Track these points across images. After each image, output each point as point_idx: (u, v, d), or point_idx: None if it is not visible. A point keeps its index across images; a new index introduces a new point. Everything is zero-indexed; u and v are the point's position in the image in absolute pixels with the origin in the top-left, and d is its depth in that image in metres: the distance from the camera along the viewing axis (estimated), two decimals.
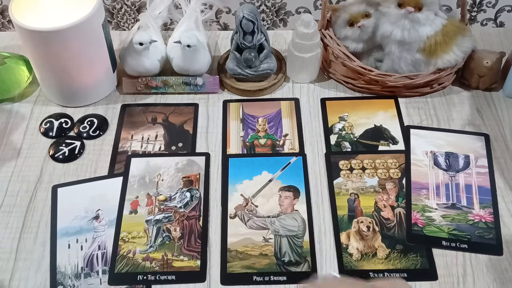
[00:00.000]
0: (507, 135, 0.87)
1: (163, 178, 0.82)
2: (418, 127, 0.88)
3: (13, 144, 0.87)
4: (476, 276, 0.71)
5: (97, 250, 0.74)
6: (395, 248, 0.73)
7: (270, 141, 0.87)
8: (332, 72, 0.96)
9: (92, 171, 0.83)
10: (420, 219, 0.76)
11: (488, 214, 0.77)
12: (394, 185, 0.80)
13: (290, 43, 0.92)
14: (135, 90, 0.93)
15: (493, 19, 1.15)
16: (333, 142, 0.87)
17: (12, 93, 0.92)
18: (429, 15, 0.86)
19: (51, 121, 0.90)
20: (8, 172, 0.83)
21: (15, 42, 1.02)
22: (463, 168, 0.83)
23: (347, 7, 0.91)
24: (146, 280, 0.71)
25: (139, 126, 0.90)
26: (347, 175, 0.82)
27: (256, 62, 0.91)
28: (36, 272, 0.72)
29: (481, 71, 0.90)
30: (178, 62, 0.91)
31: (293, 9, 1.12)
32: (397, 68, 0.90)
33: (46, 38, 0.81)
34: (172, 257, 0.73)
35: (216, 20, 1.14)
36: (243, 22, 0.86)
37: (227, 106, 0.92)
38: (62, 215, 0.77)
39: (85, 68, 0.87)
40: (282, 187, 0.80)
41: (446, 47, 0.88)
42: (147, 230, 0.76)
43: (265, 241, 0.74)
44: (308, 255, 0.73)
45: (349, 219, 0.77)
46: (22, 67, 0.93)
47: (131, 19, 1.14)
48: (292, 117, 0.90)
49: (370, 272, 0.71)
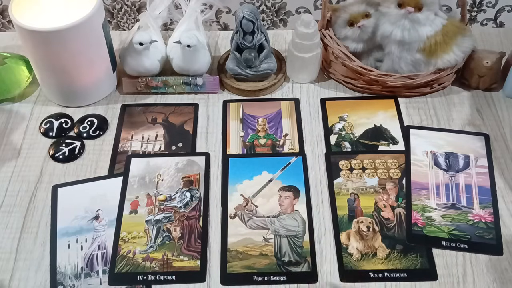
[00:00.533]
0: (507, 135, 0.87)
1: (163, 178, 0.82)
2: (418, 127, 0.88)
3: (13, 144, 0.87)
4: (476, 276, 0.71)
5: (97, 250, 0.74)
6: (395, 248, 0.73)
7: (270, 141, 0.87)
8: (332, 72, 0.96)
9: (92, 171, 0.83)
10: (420, 219, 0.76)
11: (488, 214, 0.77)
12: (394, 185, 0.80)
13: (290, 43, 0.92)
14: (135, 90, 0.93)
15: (493, 19, 1.15)
16: (333, 142, 0.87)
17: (12, 93, 0.92)
18: (429, 15, 0.86)
19: (51, 121, 0.90)
20: (8, 172, 0.83)
21: (15, 42, 1.02)
22: (463, 168, 0.82)
23: (347, 7, 0.91)
24: (146, 280, 0.71)
25: (139, 126, 0.89)
26: (347, 175, 0.82)
27: (256, 62, 0.91)
28: (36, 272, 0.72)
29: (481, 71, 0.90)
30: (178, 62, 0.91)
31: (293, 9, 1.12)
32: (397, 68, 0.90)
33: (46, 38, 0.81)
34: (172, 257, 0.73)
35: (216, 20, 1.14)
36: (243, 22, 0.86)
37: (227, 106, 0.92)
38: (62, 215, 0.77)
39: (85, 68, 0.87)
40: (282, 187, 0.80)
41: (446, 47, 0.88)
42: (147, 230, 0.76)
43: (265, 241, 0.74)
44: (308, 255, 0.73)
45: (349, 219, 0.77)
46: (22, 67, 0.93)
47: (131, 19, 1.14)
48: (292, 117, 0.90)
49: (370, 272, 0.71)
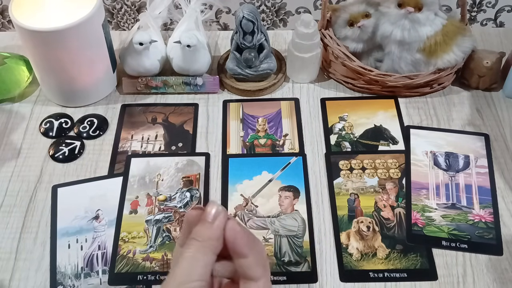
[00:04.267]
0: (507, 135, 0.87)
1: (163, 178, 0.82)
2: (418, 127, 0.88)
3: (13, 144, 0.87)
4: (476, 276, 0.71)
5: (97, 250, 0.74)
6: (395, 248, 0.73)
7: (270, 141, 0.87)
8: (332, 72, 0.96)
9: (92, 171, 0.83)
10: (420, 219, 0.76)
11: (488, 214, 0.77)
12: (394, 185, 0.80)
13: (290, 43, 0.92)
14: (135, 90, 0.93)
15: (493, 19, 1.15)
16: (333, 142, 0.87)
17: (12, 93, 0.92)
18: (429, 15, 0.86)
19: (51, 121, 0.90)
20: (8, 172, 0.83)
21: (15, 42, 1.02)
22: (463, 168, 0.82)
23: (347, 7, 0.91)
24: (146, 280, 0.71)
25: (139, 126, 0.89)
26: (347, 175, 0.82)
27: (256, 62, 0.91)
28: (36, 272, 0.72)
29: (481, 71, 0.90)
30: (178, 62, 0.91)
31: (293, 9, 1.12)
32: (397, 68, 0.90)
33: (46, 38, 0.81)
34: (172, 257, 0.73)
35: (216, 20, 1.14)
36: (243, 22, 0.86)
37: (227, 106, 0.92)
38: (62, 215, 0.77)
39: (85, 68, 0.87)
40: (282, 187, 0.80)
41: (446, 47, 0.87)
42: (147, 230, 0.76)
43: (265, 241, 0.74)
44: (308, 255, 0.73)
45: (349, 219, 0.77)
46: (22, 67, 0.93)
47: (131, 19, 1.14)
48: (292, 117, 0.90)
49: (370, 272, 0.71)
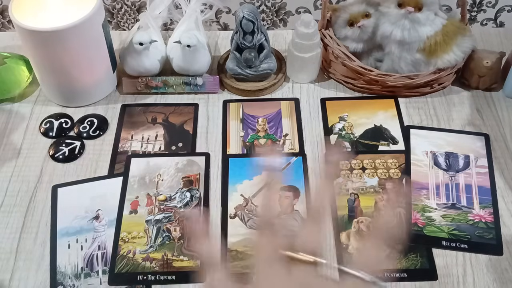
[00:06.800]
0: (507, 135, 0.87)
1: (163, 178, 0.82)
2: (418, 127, 0.88)
3: (13, 144, 0.87)
4: (476, 276, 0.71)
5: (97, 250, 0.74)
6: (395, 248, 0.73)
7: (270, 141, 0.87)
8: (332, 72, 0.96)
9: (92, 171, 0.83)
10: (420, 219, 0.76)
11: (488, 214, 0.77)
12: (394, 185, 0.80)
13: (290, 43, 0.92)
14: (135, 90, 0.93)
15: (493, 19, 1.15)
16: (333, 142, 0.87)
17: (12, 93, 0.92)
18: (429, 15, 0.86)
19: (51, 121, 0.90)
20: (8, 172, 0.83)
21: (15, 42, 1.02)
22: (463, 168, 0.82)
23: (347, 7, 0.91)
24: (146, 280, 0.71)
25: (139, 126, 0.89)
26: (347, 175, 0.82)
27: (256, 62, 0.91)
28: (36, 272, 0.72)
29: (481, 71, 0.90)
30: (178, 62, 0.91)
31: (293, 9, 1.12)
32: (397, 68, 0.90)
33: (46, 38, 0.81)
34: (172, 257, 0.73)
35: (216, 20, 1.14)
36: (243, 22, 0.86)
37: (227, 106, 0.92)
38: (62, 215, 0.77)
39: (85, 68, 0.87)
40: (282, 187, 0.80)
41: (446, 47, 0.87)
42: (147, 230, 0.76)
43: None
44: None
45: (349, 219, 0.77)
46: (22, 67, 0.93)
47: (131, 19, 1.14)
48: (292, 117, 0.90)
49: None
